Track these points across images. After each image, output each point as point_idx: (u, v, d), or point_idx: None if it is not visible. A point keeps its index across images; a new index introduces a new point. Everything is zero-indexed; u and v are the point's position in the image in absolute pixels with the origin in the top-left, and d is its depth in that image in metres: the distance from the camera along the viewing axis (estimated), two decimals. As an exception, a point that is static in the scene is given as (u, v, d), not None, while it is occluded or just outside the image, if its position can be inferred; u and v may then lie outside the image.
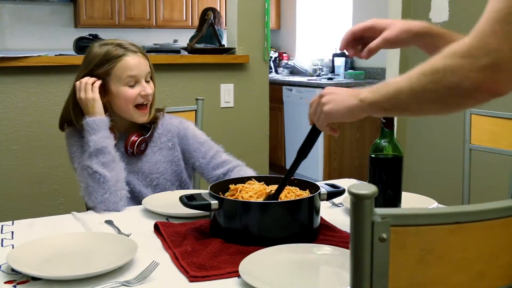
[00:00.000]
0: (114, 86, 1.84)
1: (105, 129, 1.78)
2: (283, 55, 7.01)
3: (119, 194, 1.74)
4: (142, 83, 1.85)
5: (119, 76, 1.82)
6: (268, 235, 1.41)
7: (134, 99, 1.84)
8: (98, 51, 1.85)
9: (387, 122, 1.45)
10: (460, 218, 0.79)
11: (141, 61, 1.85)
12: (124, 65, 1.82)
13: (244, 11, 3.38)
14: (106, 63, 1.82)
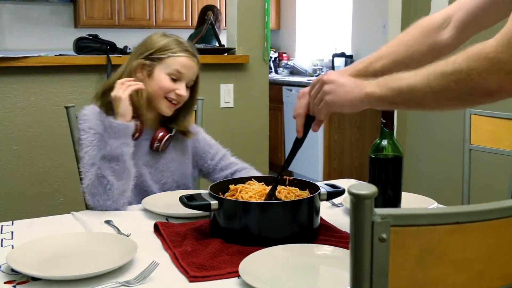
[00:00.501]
0: (159, 71, 1.89)
1: (127, 136, 1.77)
2: (283, 55, 7.02)
3: (120, 202, 1.75)
4: (182, 83, 1.90)
5: (168, 65, 1.88)
6: (268, 235, 1.41)
7: (167, 90, 1.88)
8: (159, 39, 1.91)
9: (387, 122, 1.45)
10: (460, 218, 0.79)
11: (193, 66, 1.91)
12: (178, 60, 1.88)
13: (244, 11, 3.38)
14: (164, 51, 1.88)
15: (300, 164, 5.51)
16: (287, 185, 1.62)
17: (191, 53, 1.90)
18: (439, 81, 1.09)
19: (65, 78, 3.00)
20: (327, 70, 6.15)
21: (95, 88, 3.07)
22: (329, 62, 6.17)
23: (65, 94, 3.01)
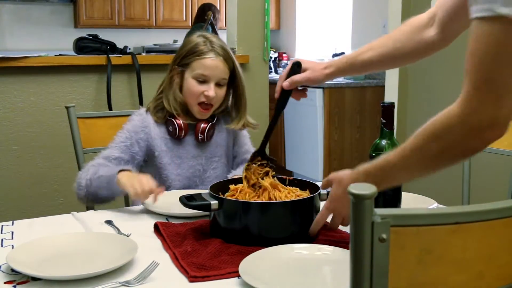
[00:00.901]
0: (187, 76, 1.95)
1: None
2: (283, 55, 7.01)
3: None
4: (210, 84, 1.93)
5: (193, 69, 1.93)
6: (268, 235, 1.41)
7: (197, 95, 1.94)
8: (192, 39, 1.97)
9: (387, 122, 1.45)
10: (460, 218, 0.79)
11: (218, 65, 1.94)
12: (202, 63, 1.92)
13: (243, 11, 3.38)
14: (190, 55, 1.94)
15: (300, 164, 5.52)
16: (287, 185, 1.62)
17: (216, 52, 1.93)
18: (429, 169, 1.19)
19: (65, 78, 3.01)
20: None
21: (95, 88, 3.07)
22: (329, 62, 6.17)
23: (65, 94, 3.01)
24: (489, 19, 1.02)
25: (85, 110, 3.00)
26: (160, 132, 1.98)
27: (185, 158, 2.00)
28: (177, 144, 1.99)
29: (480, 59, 1.05)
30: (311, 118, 5.25)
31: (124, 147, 1.92)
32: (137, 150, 1.94)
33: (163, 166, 1.97)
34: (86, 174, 1.82)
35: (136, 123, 1.96)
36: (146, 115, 1.98)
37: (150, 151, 1.97)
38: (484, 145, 1.09)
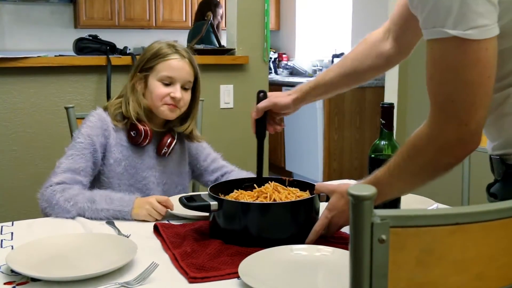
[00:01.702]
0: (151, 80, 1.88)
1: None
2: (282, 56, 7.01)
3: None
4: (176, 86, 1.86)
5: (158, 72, 1.86)
6: (267, 236, 1.41)
7: (162, 97, 1.86)
8: (155, 45, 1.92)
9: (386, 123, 1.46)
10: (460, 219, 0.79)
11: (184, 67, 1.88)
12: (167, 64, 1.86)
13: (243, 12, 3.38)
14: (153, 59, 1.87)
15: (300, 165, 5.51)
16: (287, 186, 1.62)
17: (181, 54, 1.88)
18: (413, 185, 1.23)
19: (65, 79, 3.00)
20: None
21: (95, 88, 3.07)
22: (328, 63, 6.17)
23: (65, 95, 3.01)
24: (440, 41, 1.05)
25: (85, 110, 2.99)
26: (118, 138, 1.87)
27: (140, 169, 1.90)
28: (134, 152, 1.89)
29: (439, 81, 1.09)
30: (311, 118, 5.25)
31: (88, 155, 1.80)
32: (99, 156, 1.83)
33: (115, 175, 1.86)
34: (67, 197, 1.68)
35: (96, 125, 1.84)
36: (106, 116, 1.87)
37: (104, 158, 1.85)
38: (457, 161, 1.13)
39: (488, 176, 1.35)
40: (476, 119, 1.07)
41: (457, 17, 1.01)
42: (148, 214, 1.65)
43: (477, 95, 1.05)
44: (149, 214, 1.65)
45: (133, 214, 1.66)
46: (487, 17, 1.03)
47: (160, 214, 1.65)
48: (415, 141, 1.16)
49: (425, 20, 1.07)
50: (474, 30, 1.02)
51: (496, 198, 1.29)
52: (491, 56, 1.05)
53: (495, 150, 1.26)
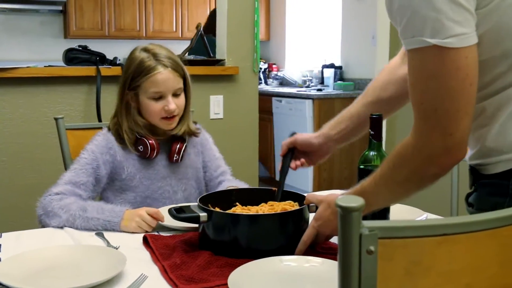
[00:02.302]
0: (142, 97, 1.86)
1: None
2: (272, 66, 7.03)
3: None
4: (168, 98, 1.85)
5: (146, 90, 1.84)
6: (257, 247, 1.41)
7: (158, 113, 1.85)
8: (136, 56, 1.87)
9: (375, 134, 1.46)
10: (447, 230, 0.79)
11: (169, 77, 1.84)
12: (152, 81, 1.83)
13: (233, 23, 3.39)
14: (138, 76, 1.84)
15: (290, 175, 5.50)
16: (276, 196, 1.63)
17: (163, 65, 1.84)
18: (399, 195, 1.24)
19: (55, 89, 3.00)
20: (316, 81, 6.17)
21: (84, 99, 3.06)
22: (318, 73, 6.19)
23: (54, 105, 3.00)
24: (420, 50, 1.06)
25: (74, 121, 2.99)
26: (127, 153, 1.88)
27: (155, 179, 1.91)
28: (146, 164, 1.90)
29: (421, 91, 1.10)
30: (300, 128, 5.26)
31: (90, 170, 1.81)
32: (103, 173, 1.84)
33: (130, 189, 1.88)
34: (62, 205, 1.70)
35: (101, 143, 1.86)
36: (109, 135, 1.88)
37: (115, 174, 1.87)
38: (444, 171, 1.13)
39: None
40: (460, 128, 1.07)
41: (435, 26, 1.03)
42: (138, 226, 1.64)
43: (460, 103, 1.06)
44: (139, 226, 1.65)
45: (121, 226, 1.65)
46: (465, 26, 1.04)
47: (150, 226, 1.65)
48: (401, 150, 1.16)
49: (403, 30, 1.08)
50: (453, 39, 1.03)
51: (472, 208, 1.30)
52: (471, 64, 1.06)
53: (471, 160, 1.28)
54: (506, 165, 1.17)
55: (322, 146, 1.63)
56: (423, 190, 1.19)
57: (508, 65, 1.13)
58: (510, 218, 0.84)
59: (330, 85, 5.84)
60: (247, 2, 3.42)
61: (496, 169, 1.19)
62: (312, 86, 6.04)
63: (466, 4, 1.04)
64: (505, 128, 1.16)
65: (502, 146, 1.17)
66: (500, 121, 1.17)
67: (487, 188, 1.24)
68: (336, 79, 5.82)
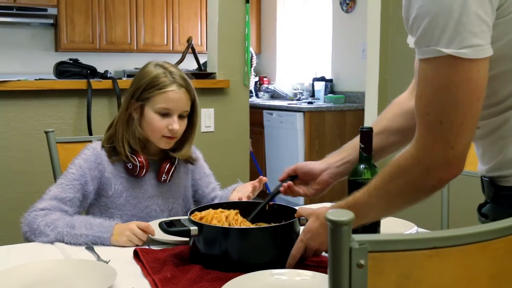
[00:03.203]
0: (148, 110, 1.83)
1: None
2: (263, 79, 7.05)
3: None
4: (173, 117, 1.83)
5: (155, 103, 1.82)
6: (248, 261, 1.40)
7: (161, 130, 1.82)
8: (150, 70, 1.85)
9: (366, 147, 1.47)
10: (437, 243, 0.79)
11: (181, 97, 1.83)
12: (164, 96, 1.81)
13: (224, 36, 3.40)
14: (150, 89, 1.82)
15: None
16: (267, 210, 1.62)
17: (178, 84, 1.82)
18: (393, 208, 1.23)
19: (45, 103, 2.99)
20: (307, 94, 6.19)
21: (75, 112, 3.06)
22: (309, 86, 6.21)
23: (44, 119, 3.00)
24: (433, 60, 1.06)
25: (65, 134, 2.99)
26: (115, 170, 1.85)
27: (142, 198, 1.88)
28: (134, 183, 1.87)
29: (429, 101, 1.09)
30: (291, 141, 5.27)
31: (78, 186, 1.78)
32: (91, 189, 1.81)
33: (117, 207, 1.85)
34: (48, 221, 1.67)
35: (90, 158, 1.83)
36: (100, 150, 1.85)
37: (102, 190, 1.85)
38: (441, 184, 1.13)
39: (467, 199, 1.36)
40: (462, 142, 1.08)
41: (451, 36, 1.03)
42: (129, 240, 1.64)
43: (465, 116, 1.06)
44: (130, 240, 1.64)
45: (112, 241, 1.64)
46: (481, 37, 1.04)
47: (141, 240, 1.64)
48: (400, 161, 1.16)
49: (419, 39, 1.08)
50: (467, 49, 1.03)
51: (487, 219, 1.29)
52: (482, 79, 1.06)
53: (489, 172, 1.27)
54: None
55: (323, 174, 1.59)
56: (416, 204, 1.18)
57: None
58: (501, 231, 0.84)
59: (320, 98, 5.86)
60: (238, 15, 3.44)
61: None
62: (303, 99, 6.06)
63: (485, 16, 1.04)
64: None
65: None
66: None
67: (506, 199, 1.24)
68: (327, 92, 5.84)
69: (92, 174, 1.82)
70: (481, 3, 1.03)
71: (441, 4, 1.03)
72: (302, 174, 1.62)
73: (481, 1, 1.03)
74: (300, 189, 1.62)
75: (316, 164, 1.61)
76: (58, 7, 6.09)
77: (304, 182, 1.63)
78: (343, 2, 5.72)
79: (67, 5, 6.15)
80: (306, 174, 1.61)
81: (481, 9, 1.03)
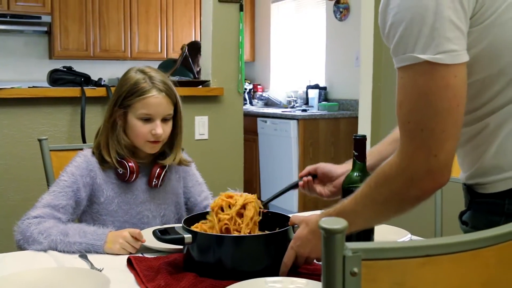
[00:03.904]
0: (130, 117, 1.85)
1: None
2: (257, 87, 7.06)
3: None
4: (156, 122, 1.84)
5: (136, 110, 1.83)
6: (242, 268, 1.40)
7: (144, 135, 1.84)
8: (131, 76, 1.87)
9: (359, 154, 1.47)
10: (430, 251, 0.80)
11: (162, 102, 1.84)
12: (144, 102, 1.82)
13: (218, 44, 3.41)
14: (130, 96, 1.83)
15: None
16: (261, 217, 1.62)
17: (158, 89, 1.83)
18: (380, 216, 1.23)
19: (39, 110, 2.99)
20: (301, 101, 6.20)
21: (69, 120, 3.06)
22: (303, 94, 6.22)
23: (38, 126, 2.99)
24: (410, 67, 1.07)
25: (58, 142, 2.98)
26: (106, 176, 1.86)
27: (133, 204, 1.89)
28: (125, 188, 1.88)
29: (408, 109, 1.10)
30: (285, 149, 5.28)
31: (70, 193, 1.79)
32: (83, 196, 1.82)
33: (109, 213, 1.86)
34: (41, 229, 1.67)
35: (81, 165, 1.84)
36: (91, 158, 1.86)
37: (94, 196, 1.85)
38: (425, 195, 1.13)
39: (461, 206, 1.37)
40: (445, 150, 1.08)
41: (426, 41, 1.04)
42: (122, 248, 1.64)
43: (446, 123, 1.06)
44: (123, 248, 1.64)
45: (106, 249, 1.64)
46: (456, 43, 1.05)
47: (134, 248, 1.64)
48: (384, 170, 1.16)
49: (395, 47, 1.09)
50: (443, 55, 1.04)
51: (467, 226, 1.30)
52: (460, 85, 1.07)
53: (468, 180, 1.28)
54: (505, 185, 1.18)
55: (340, 178, 1.64)
56: (406, 213, 1.18)
57: (506, 82, 1.14)
58: (492, 238, 0.85)
59: (314, 105, 5.87)
60: (232, 23, 3.45)
61: (495, 188, 1.20)
62: (296, 107, 6.07)
63: (458, 23, 1.05)
64: (505, 146, 1.17)
65: (502, 164, 1.18)
66: (500, 138, 1.17)
67: (482, 206, 1.24)
68: (321, 100, 5.85)
69: (84, 180, 1.82)
70: (455, 10, 1.04)
71: (415, 11, 1.04)
72: (321, 174, 1.68)
73: (454, 8, 1.04)
74: (317, 187, 1.68)
75: (336, 168, 1.67)
76: (52, 14, 6.10)
77: (322, 182, 1.68)
78: (337, 10, 5.75)
79: (61, 12, 6.15)
80: (325, 175, 1.67)
81: (454, 16, 1.04)
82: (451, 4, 1.04)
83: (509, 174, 1.17)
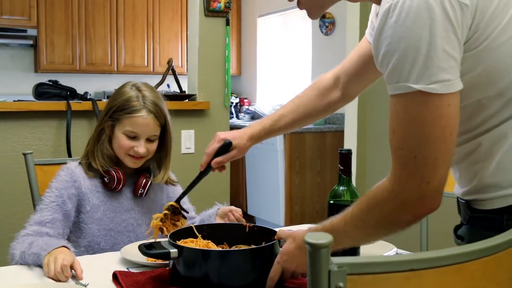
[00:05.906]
0: (117, 131, 1.89)
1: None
2: (244, 101, 7.07)
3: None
4: (140, 141, 1.87)
5: (124, 125, 1.88)
6: (228, 283, 1.40)
7: (126, 149, 1.88)
8: (125, 91, 1.91)
9: (345, 169, 1.48)
10: (415, 265, 0.80)
11: (149, 123, 1.88)
12: (132, 121, 1.86)
13: (204, 58, 3.42)
14: (121, 111, 1.87)
15: (262, 209, 5.51)
16: (247, 231, 1.63)
17: (148, 110, 1.87)
18: (369, 237, 1.26)
19: (24, 124, 2.98)
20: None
21: (54, 134, 3.04)
22: (289, 107, 6.23)
23: (23, 140, 2.98)
24: (404, 96, 1.07)
25: (44, 156, 2.97)
26: (92, 185, 1.89)
27: (119, 212, 1.92)
28: (111, 196, 1.91)
29: (401, 136, 1.10)
30: (272, 162, 5.28)
31: (56, 207, 1.81)
32: (70, 207, 1.83)
33: (95, 221, 1.87)
34: (21, 246, 1.67)
35: (64, 179, 1.86)
36: (74, 169, 1.89)
37: (81, 206, 1.87)
38: (416, 219, 1.13)
39: (446, 221, 1.37)
40: (438, 177, 1.08)
41: (420, 71, 1.04)
42: (46, 264, 1.54)
43: (439, 152, 1.07)
44: (48, 264, 1.54)
45: (44, 259, 1.57)
46: (449, 72, 1.05)
47: (57, 275, 1.51)
48: (376, 193, 1.16)
49: (389, 75, 1.09)
50: (437, 85, 1.04)
51: (463, 241, 1.31)
52: (453, 113, 1.07)
53: (465, 195, 1.28)
54: (503, 202, 1.18)
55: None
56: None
57: (503, 103, 1.15)
58: (477, 252, 0.86)
59: (301, 119, 5.87)
60: (218, 37, 3.46)
61: (493, 205, 1.20)
62: (283, 120, 6.07)
63: (452, 52, 1.05)
64: (504, 164, 1.17)
65: (502, 181, 1.18)
66: (497, 157, 1.17)
67: (480, 222, 1.24)
68: (307, 113, 5.86)
69: (69, 192, 1.85)
70: (448, 39, 1.05)
71: (409, 41, 1.05)
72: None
73: (448, 37, 1.05)
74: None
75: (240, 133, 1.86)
76: (38, 28, 6.08)
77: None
78: (323, 24, 5.78)
79: (47, 26, 6.13)
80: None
81: (448, 45, 1.05)
82: (444, 34, 1.04)
83: (508, 192, 1.17)
